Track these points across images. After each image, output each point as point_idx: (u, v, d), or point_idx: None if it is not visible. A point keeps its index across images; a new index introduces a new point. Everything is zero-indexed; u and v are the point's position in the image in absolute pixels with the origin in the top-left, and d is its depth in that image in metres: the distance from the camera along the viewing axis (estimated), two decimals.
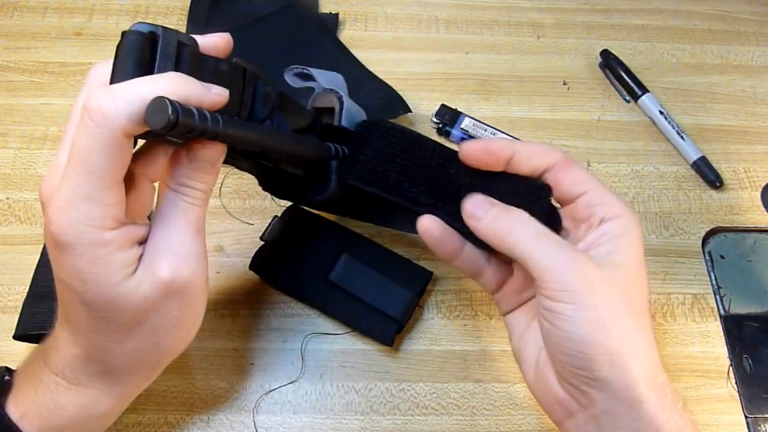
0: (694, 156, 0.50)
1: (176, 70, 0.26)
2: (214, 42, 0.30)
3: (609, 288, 0.29)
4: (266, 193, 0.46)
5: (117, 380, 0.30)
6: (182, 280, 0.28)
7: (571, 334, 0.29)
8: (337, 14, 0.57)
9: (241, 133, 0.28)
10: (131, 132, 0.24)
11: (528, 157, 0.33)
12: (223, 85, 0.28)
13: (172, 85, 0.25)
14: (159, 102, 0.23)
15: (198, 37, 0.29)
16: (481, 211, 0.31)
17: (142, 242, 0.28)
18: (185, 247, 0.28)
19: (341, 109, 0.35)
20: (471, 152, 0.33)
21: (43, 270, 0.40)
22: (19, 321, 0.38)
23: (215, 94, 0.27)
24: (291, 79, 0.37)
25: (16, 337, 0.38)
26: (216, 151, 0.28)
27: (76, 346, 0.29)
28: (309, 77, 0.37)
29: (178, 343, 0.31)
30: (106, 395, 0.30)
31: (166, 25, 0.26)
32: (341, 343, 0.41)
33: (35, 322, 0.38)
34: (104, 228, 0.26)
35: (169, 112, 0.23)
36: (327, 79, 0.37)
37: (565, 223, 0.34)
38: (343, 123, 0.35)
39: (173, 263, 0.28)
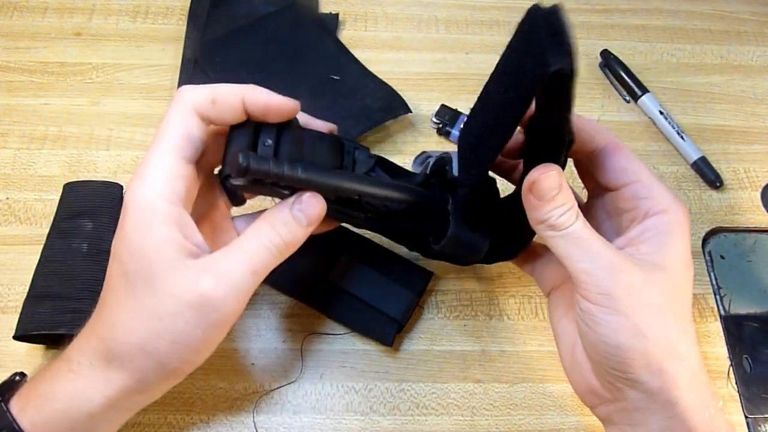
0: (694, 156, 0.50)
1: (278, 144, 0.31)
2: (281, 106, 0.31)
3: (649, 292, 0.28)
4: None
5: (111, 369, 0.29)
6: (212, 306, 0.28)
7: (605, 338, 0.28)
8: (337, 14, 0.57)
9: (327, 177, 0.30)
10: (202, 110, 0.29)
11: (582, 132, 0.31)
12: (321, 153, 0.32)
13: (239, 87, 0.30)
14: (235, 152, 0.28)
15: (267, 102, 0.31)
16: (544, 195, 0.29)
17: (200, 248, 0.29)
18: (234, 279, 0.28)
19: (450, 163, 0.36)
20: None
21: (43, 270, 0.40)
22: (19, 321, 0.38)
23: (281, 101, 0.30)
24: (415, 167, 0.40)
25: (16, 337, 0.38)
26: (314, 207, 0.30)
27: (91, 326, 0.30)
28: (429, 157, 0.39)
29: (175, 359, 0.29)
30: (96, 388, 0.29)
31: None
32: (341, 343, 0.41)
33: (35, 322, 0.38)
34: (161, 196, 0.28)
35: (240, 160, 0.27)
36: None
37: (608, 210, 0.33)
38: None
39: (215, 285, 0.28)
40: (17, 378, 0.32)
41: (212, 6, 0.55)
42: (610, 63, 0.55)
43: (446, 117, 0.50)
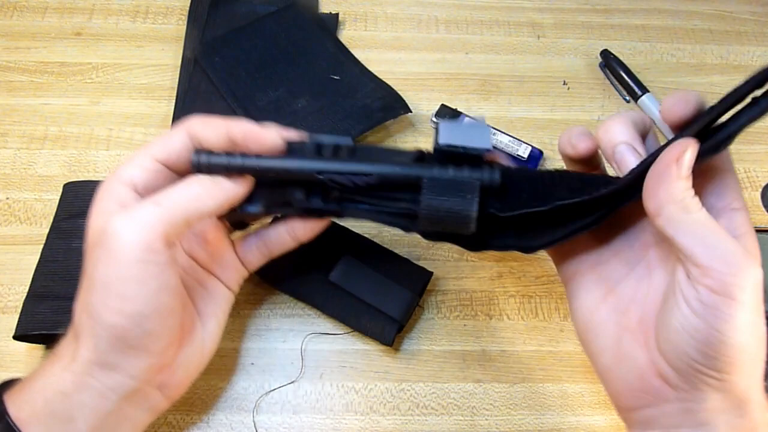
0: None
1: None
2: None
3: (762, 291, 0.27)
4: None
5: (76, 344, 0.30)
6: (113, 237, 0.28)
7: (724, 336, 0.26)
8: (337, 14, 0.57)
9: (285, 161, 0.32)
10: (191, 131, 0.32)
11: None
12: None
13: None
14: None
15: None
16: (683, 170, 0.27)
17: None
18: (137, 211, 0.29)
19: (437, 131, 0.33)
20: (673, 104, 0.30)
21: (43, 270, 0.40)
22: (19, 321, 0.38)
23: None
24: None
25: (16, 337, 0.38)
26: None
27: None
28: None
29: (106, 310, 0.29)
30: (64, 364, 0.30)
31: None
32: (341, 343, 0.41)
33: (35, 322, 0.38)
34: (120, 180, 0.31)
35: (193, 157, 0.31)
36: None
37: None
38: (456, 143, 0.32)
39: (118, 218, 0.29)
40: (18, 377, 0.33)
41: (212, 6, 0.55)
42: (610, 63, 0.55)
43: (446, 117, 0.50)
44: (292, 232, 0.36)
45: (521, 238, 0.34)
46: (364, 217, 0.34)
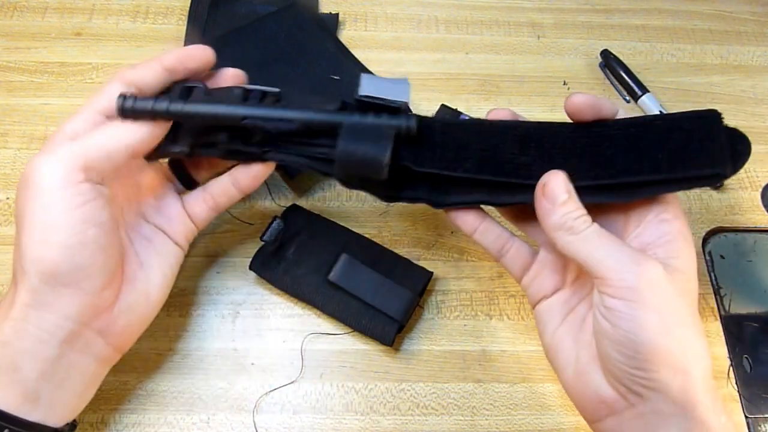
0: None
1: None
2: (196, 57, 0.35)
3: (671, 290, 0.28)
4: (266, 192, 0.47)
5: (12, 288, 0.31)
6: (33, 173, 0.30)
7: (632, 335, 0.28)
8: (337, 14, 0.57)
9: (209, 106, 0.33)
10: (126, 78, 0.33)
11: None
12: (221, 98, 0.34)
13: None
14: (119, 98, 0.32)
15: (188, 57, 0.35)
16: (556, 199, 0.31)
17: None
18: (54, 148, 0.31)
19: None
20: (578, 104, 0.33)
21: None
22: None
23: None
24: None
25: None
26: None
27: None
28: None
29: (32, 244, 0.30)
30: (6, 317, 0.30)
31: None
32: (341, 343, 0.41)
33: None
34: (62, 133, 0.32)
35: (118, 102, 0.32)
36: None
37: (614, 211, 0.33)
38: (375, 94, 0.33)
39: (38, 156, 0.30)
40: None
41: (212, 6, 0.55)
42: (610, 63, 0.55)
43: (446, 117, 0.50)
44: (236, 183, 0.38)
45: (434, 192, 0.36)
46: (285, 161, 0.36)
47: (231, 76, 0.37)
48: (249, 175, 0.37)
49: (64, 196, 0.30)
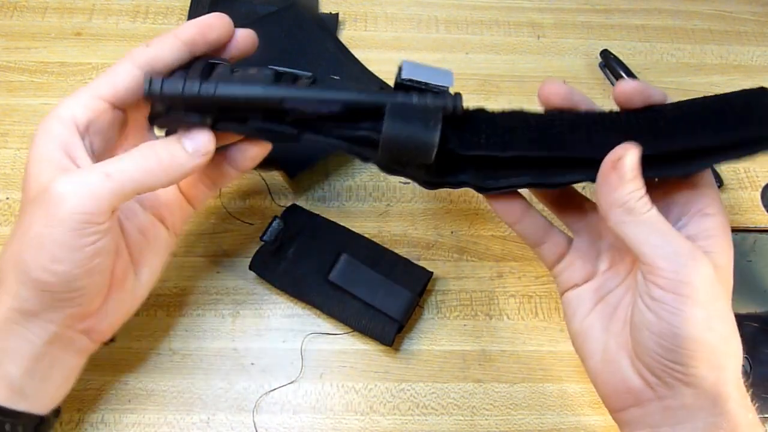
0: None
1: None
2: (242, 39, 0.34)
3: (718, 287, 0.28)
4: (266, 192, 0.47)
5: (1, 287, 0.29)
6: (55, 199, 0.28)
7: (677, 329, 0.27)
8: (337, 14, 0.57)
9: (245, 89, 0.30)
10: (137, 58, 0.31)
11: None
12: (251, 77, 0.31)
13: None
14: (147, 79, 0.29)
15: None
16: (626, 174, 0.29)
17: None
18: (83, 177, 0.28)
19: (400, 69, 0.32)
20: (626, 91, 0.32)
21: None
22: None
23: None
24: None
25: None
26: (201, 136, 0.31)
27: None
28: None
29: (34, 263, 0.28)
30: None
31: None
32: (341, 343, 0.41)
33: None
34: (58, 119, 0.29)
35: (148, 84, 0.29)
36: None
37: (657, 202, 0.32)
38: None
39: (63, 181, 0.28)
40: None
41: (212, 6, 0.55)
42: (610, 63, 0.55)
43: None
44: (233, 162, 0.35)
45: (479, 175, 0.34)
46: (322, 144, 0.33)
47: (243, 39, 0.34)
48: (247, 154, 0.35)
49: (81, 236, 0.28)
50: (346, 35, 0.56)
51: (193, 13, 0.55)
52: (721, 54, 0.58)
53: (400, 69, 0.32)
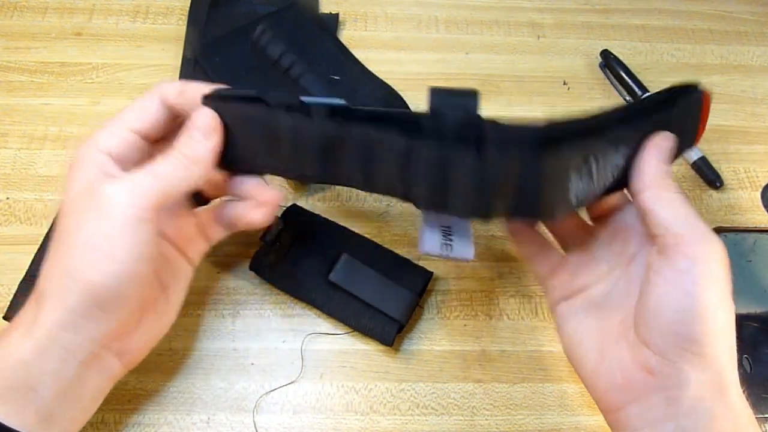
0: (694, 156, 0.50)
1: None
2: None
3: (728, 273, 0.29)
4: None
5: (38, 308, 0.29)
6: (107, 200, 0.29)
7: (697, 300, 0.28)
8: (337, 14, 0.57)
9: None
10: (167, 98, 0.33)
11: None
12: None
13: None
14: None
15: None
16: (666, 157, 0.32)
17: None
18: (132, 178, 0.30)
19: None
20: None
21: (42, 255, 0.40)
22: (11, 302, 0.39)
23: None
24: None
25: (5, 317, 0.38)
26: (204, 116, 0.32)
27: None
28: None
29: (87, 266, 0.29)
30: (25, 331, 0.29)
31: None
32: (341, 343, 0.41)
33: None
34: (97, 147, 0.32)
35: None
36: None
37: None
38: None
39: (112, 183, 0.30)
40: None
41: (212, 6, 0.55)
42: (610, 63, 0.55)
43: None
44: (257, 205, 0.36)
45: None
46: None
47: None
48: (272, 197, 0.36)
49: (135, 232, 0.29)
50: (346, 35, 0.56)
51: (193, 13, 0.55)
52: (721, 54, 0.58)
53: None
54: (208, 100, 0.33)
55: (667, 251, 0.30)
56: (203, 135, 0.32)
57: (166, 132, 0.34)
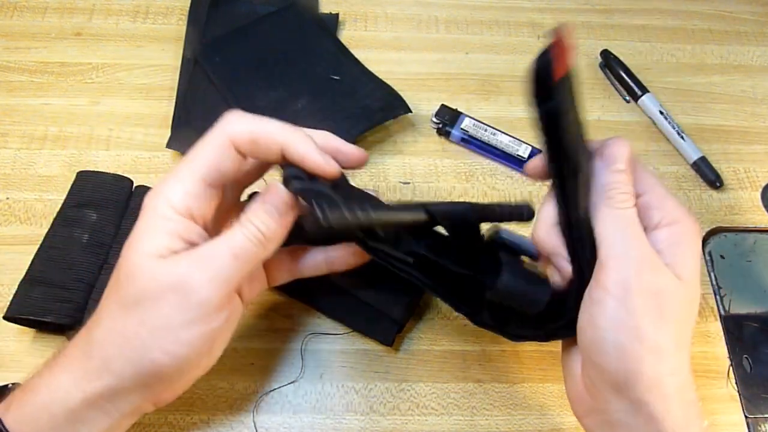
0: (694, 156, 0.50)
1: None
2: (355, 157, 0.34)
3: (664, 299, 0.28)
4: None
5: (90, 365, 0.29)
6: (190, 287, 0.28)
7: (604, 332, 0.28)
8: (337, 14, 0.57)
9: (390, 214, 0.33)
10: (239, 145, 0.31)
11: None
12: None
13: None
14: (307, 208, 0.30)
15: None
16: (612, 164, 0.30)
17: (192, 243, 0.30)
18: (213, 262, 0.29)
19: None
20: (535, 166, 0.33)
21: (43, 255, 0.40)
22: (11, 302, 0.39)
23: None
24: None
25: (5, 318, 0.38)
26: (275, 195, 0.31)
27: (85, 325, 0.30)
28: None
29: (156, 348, 0.28)
30: (75, 382, 0.29)
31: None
32: (341, 343, 0.41)
33: (26, 306, 0.38)
34: (173, 208, 0.29)
35: (319, 215, 0.29)
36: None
37: None
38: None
39: (194, 267, 0.28)
40: (9, 386, 0.32)
41: (212, 6, 0.55)
42: (610, 63, 0.55)
43: (446, 117, 0.50)
44: (329, 260, 0.37)
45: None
46: (423, 277, 0.36)
47: (355, 157, 0.35)
48: (348, 258, 0.37)
49: (212, 320, 0.29)
50: (346, 35, 0.56)
51: (193, 13, 0.55)
52: (721, 54, 0.58)
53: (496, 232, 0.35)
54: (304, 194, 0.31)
55: (595, 273, 0.29)
56: (276, 212, 0.31)
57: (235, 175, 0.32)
